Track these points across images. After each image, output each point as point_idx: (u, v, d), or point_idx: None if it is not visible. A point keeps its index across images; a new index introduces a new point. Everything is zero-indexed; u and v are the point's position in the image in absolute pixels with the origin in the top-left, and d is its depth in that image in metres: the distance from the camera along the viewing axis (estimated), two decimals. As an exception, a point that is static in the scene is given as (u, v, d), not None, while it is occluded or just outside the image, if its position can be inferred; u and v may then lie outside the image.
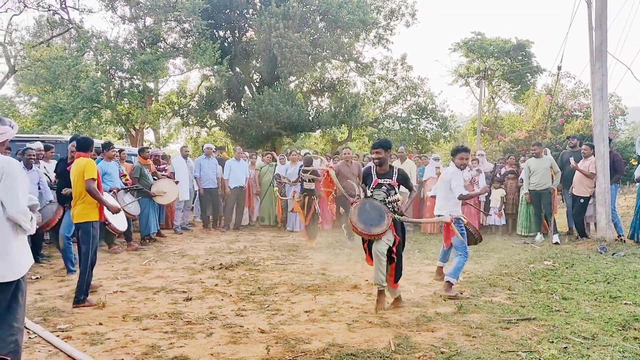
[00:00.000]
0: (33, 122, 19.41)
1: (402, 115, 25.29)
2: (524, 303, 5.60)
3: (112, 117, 20.17)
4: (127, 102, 19.93)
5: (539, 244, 9.85)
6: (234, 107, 24.61)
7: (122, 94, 19.16)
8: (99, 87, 18.10)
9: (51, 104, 17.63)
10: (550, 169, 10.15)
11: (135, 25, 19.84)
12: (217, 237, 11.08)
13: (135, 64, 18.14)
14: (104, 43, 18.34)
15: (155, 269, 7.59)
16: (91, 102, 17.99)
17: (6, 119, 3.62)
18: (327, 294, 6.14)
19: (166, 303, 5.66)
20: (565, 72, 26.12)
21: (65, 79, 17.16)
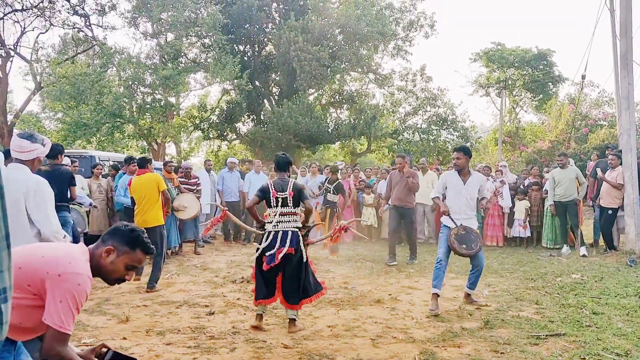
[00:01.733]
0: (58, 137, 19.72)
1: (422, 126, 25.21)
2: (552, 318, 5.46)
3: (135, 132, 20.41)
4: (149, 117, 20.16)
5: (566, 256, 9.65)
6: (253, 120, 24.79)
7: (144, 109, 19.40)
8: (122, 102, 18.37)
9: (75, 120, 17.93)
10: (575, 179, 9.97)
11: (157, 41, 20.14)
12: (238, 250, 11.07)
13: (157, 79, 18.38)
14: (127, 59, 18.62)
15: (177, 283, 7.59)
16: (114, 117, 18.25)
17: (38, 136, 3.65)
18: (350, 308, 6.06)
19: (189, 317, 5.64)
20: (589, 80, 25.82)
21: (89, 95, 17.45)
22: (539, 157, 20.23)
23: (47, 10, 16.78)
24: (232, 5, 21.73)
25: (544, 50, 32.13)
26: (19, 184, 3.35)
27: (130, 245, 2.56)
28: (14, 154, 3.57)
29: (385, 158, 27.18)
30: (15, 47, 17.00)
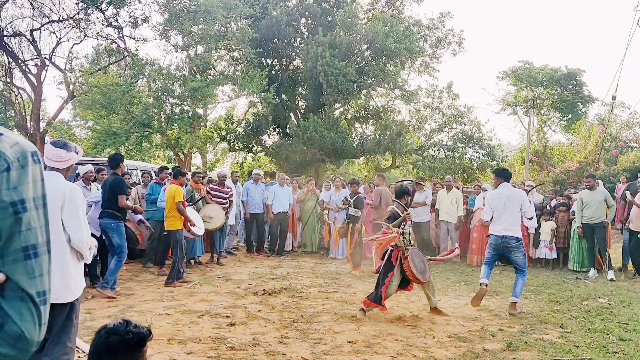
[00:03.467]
0: (88, 145, 20.12)
1: (448, 143, 25.06)
2: (578, 342, 5.36)
3: (162, 142, 20.70)
4: (176, 127, 20.43)
5: (593, 280, 9.46)
6: (279, 133, 24.94)
7: (173, 119, 19.67)
8: (151, 113, 18.66)
9: (105, 128, 18.29)
10: (604, 202, 9.79)
11: (187, 54, 20.46)
12: (260, 262, 11.11)
13: (186, 90, 18.64)
14: (157, 70, 18.95)
15: (199, 293, 7.64)
16: (143, 126, 18.54)
17: (71, 144, 3.74)
18: (371, 324, 6.03)
19: (210, 327, 5.68)
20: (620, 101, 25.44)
21: (119, 105, 17.78)
22: (566, 177, 19.92)
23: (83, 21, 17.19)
24: (261, 20, 22.01)
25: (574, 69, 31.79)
26: (55, 192, 3.44)
27: None
28: (50, 163, 3.66)
29: (409, 174, 27.05)
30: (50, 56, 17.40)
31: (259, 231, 12.28)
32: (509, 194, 7.07)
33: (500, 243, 6.99)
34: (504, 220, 6.97)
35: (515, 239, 6.95)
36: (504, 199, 7.02)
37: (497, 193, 7.17)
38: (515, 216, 7.01)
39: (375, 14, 24.02)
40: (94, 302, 6.88)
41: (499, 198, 7.06)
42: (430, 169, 23.45)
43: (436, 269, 10.40)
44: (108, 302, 6.87)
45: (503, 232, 6.94)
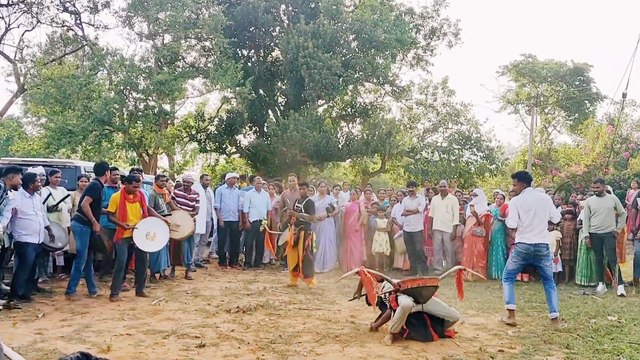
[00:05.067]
0: (40, 145, 19.87)
1: (443, 144, 25.21)
2: (585, 364, 5.40)
3: (124, 141, 20.53)
4: (140, 125, 20.30)
5: (602, 295, 9.55)
6: (256, 133, 24.91)
7: (136, 116, 19.54)
8: (112, 109, 18.51)
9: (60, 126, 18.07)
10: (613, 209, 9.90)
11: (152, 43, 20.36)
12: (234, 276, 11.06)
13: (151, 84, 18.53)
14: (119, 61, 18.82)
15: (165, 310, 7.58)
16: (102, 124, 18.38)
17: None
18: (358, 345, 6.02)
19: (177, 349, 5.62)
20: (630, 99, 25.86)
21: (76, 99, 17.61)
22: (573, 182, 20.17)
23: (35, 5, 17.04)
24: (236, 6, 21.99)
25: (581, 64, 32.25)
26: None
27: None
28: None
29: (400, 179, 27.15)
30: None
31: (233, 242, 12.23)
32: (536, 199, 7.44)
33: (531, 252, 7.33)
34: (535, 227, 7.33)
35: (546, 246, 7.38)
36: (532, 205, 7.35)
37: (523, 199, 7.46)
38: (545, 222, 7.43)
39: (363, 1, 24.10)
40: (45, 321, 6.78)
41: (526, 204, 7.38)
42: (423, 173, 23.54)
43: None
44: (61, 321, 6.78)
45: (535, 239, 7.29)
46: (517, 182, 7.68)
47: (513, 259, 7.57)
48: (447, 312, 6.47)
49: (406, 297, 6.26)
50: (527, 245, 7.34)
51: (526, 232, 7.35)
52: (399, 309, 6.13)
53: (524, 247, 7.36)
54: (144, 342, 5.87)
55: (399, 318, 6.09)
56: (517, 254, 7.49)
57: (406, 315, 6.10)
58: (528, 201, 7.39)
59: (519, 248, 7.43)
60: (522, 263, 7.53)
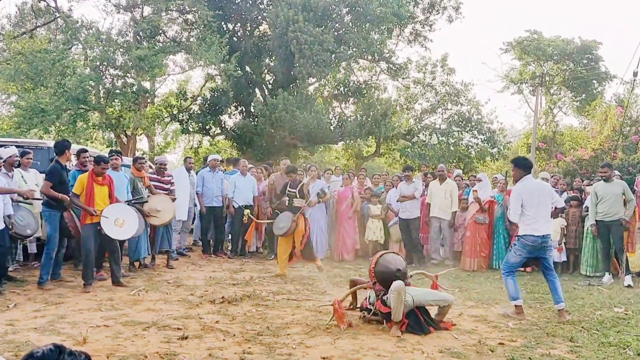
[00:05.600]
0: (11, 125, 19.72)
1: (441, 126, 25.27)
2: (590, 358, 5.47)
3: (101, 121, 20.45)
4: (118, 104, 20.21)
5: (608, 286, 9.66)
6: (242, 113, 24.83)
7: (113, 95, 19.44)
8: (87, 86, 18.40)
9: (32, 104, 17.93)
10: (622, 195, 9.97)
11: (131, 15, 20.21)
12: (219, 265, 11.08)
13: (130, 59, 18.42)
14: (95, 35, 18.66)
15: (145, 301, 7.59)
16: (77, 102, 18.26)
17: None
18: (349, 337, 6.06)
19: (158, 341, 5.64)
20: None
21: (48, 76, 17.47)
22: (579, 167, 20.27)
23: (3, -27, 16.84)
24: (221, -24, 21.82)
25: (589, 41, 32.29)
26: None
27: None
28: None
29: (396, 163, 27.21)
30: (-37, 16, 17.07)
31: (217, 228, 12.22)
32: (537, 187, 7.44)
33: (539, 244, 7.29)
34: (541, 217, 7.29)
35: (550, 236, 7.42)
36: (534, 193, 7.31)
37: (524, 187, 7.39)
38: (549, 210, 7.45)
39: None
40: (17, 311, 6.78)
41: (528, 193, 7.32)
42: (421, 157, 23.60)
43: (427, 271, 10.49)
44: (34, 311, 6.78)
45: (543, 230, 7.28)
46: (515, 169, 7.55)
47: (517, 252, 7.44)
48: (438, 298, 6.54)
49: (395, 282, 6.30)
50: (535, 237, 7.25)
51: (533, 223, 7.27)
52: (392, 295, 6.16)
53: (532, 240, 7.26)
54: (122, 334, 5.88)
55: (396, 301, 6.11)
56: (522, 246, 7.37)
57: (403, 297, 6.14)
58: (529, 189, 7.32)
59: (526, 241, 7.31)
60: (527, 256, 7.50)
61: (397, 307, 6.13)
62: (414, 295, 6.37)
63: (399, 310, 6.14)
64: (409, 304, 6.26)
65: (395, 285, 6.18)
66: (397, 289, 6.14)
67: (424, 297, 6.48)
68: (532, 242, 7.27)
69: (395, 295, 6.12)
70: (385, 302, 6.38)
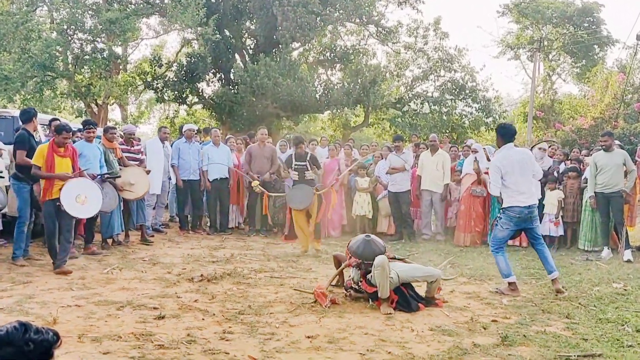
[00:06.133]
0: (-30, 93, 19.48)
1: (434, 94, 25.27)
2: (586, 335, 5.55)
3: (69, 89, 20.25)
4: (88, 71, 20.01)
5: (606, 261, 9.77)
6: (221, 80, 24.65)
7: (83, 61, 19.22)
8: (54, 51, 18.16)
9: (-6, 71, 17.70)
10: (622, 166, 10.04)
11: (100, -26, 19.88)
12: (197, 242, 11.09)
13: (100, 22, 18.20)
14: (61, -5, 18.38)
15: (119, 279, 7.59)
16: (43, 69, 18.05)
17: None
18: (335, 316, 6.11)
19: (133, 321, 5.66)
20: (644, 44, 25.91)
21: (11, 40, 17.23)
22: (578, 137, 20.38)
23: None
24: None
25: (590, 3, 32.24)
26: None
27: None
28: None
29: (385, 133, 27.21)
30: None
31: (195, 203, 12.20)
32: (519, 156, 7.46)
33: (525, 215, 7.36)
34: (525, 187, 7.36)
35: (535, 205, 7.53)
36: (515, 163, 7.34)
37: (505, 157, 7.41)
38: (531, 180, 7.55)
39: None
40: (-18, 292, 6.76)
41: (510, 162, 7.34)
42: (412, 127, 23.62)
43: (417, 250, 10.59)
44: (1, 291, 6.76)
45: (529, 201, 7.37)
46: (499, 137, 7.60)
47: (504, 225, 7.46)
48: (424, 274, 6.56)
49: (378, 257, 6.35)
50: (521, 208, 7.31)
51: (516, 194, 7.32)
52: (376, 271, 6.21)
53: (518, 211, 7.32)
54: (95, 314, 5.88)
55: (381, 277, 6.17)
56: (508, 219, 7.41)
57: (387, 272, 6.20)
58: (511, 158, 7.36)
59: (511, 213, 7.35)
60: (514, 229, 7.52)
61: (382, 284, 6.18)
62: (399, 272, 6.41)
63: (385, 287, 6.20)
64: (394, 281, 6.31)
65: (378, 261, 6.24)
66: (381, 264, 6.19)
67: (410, 273, 6.51)
68: (518, 213, 7.32)
69: (379, 271, 6.17)
70: (370, 282, 6.43)
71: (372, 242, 6.73)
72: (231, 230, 12.54)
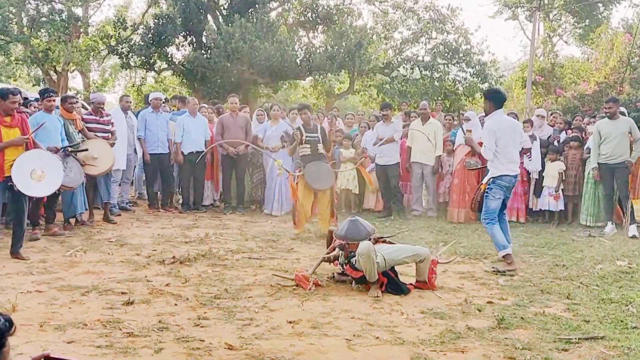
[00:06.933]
0: None
1: (425, 58, 25.22)
2: (588, 316, 5.62)
3: (25, 55, 20.03)
4: (45, 35, 19.76)
5: (610, 237, 9.87)
6: (192, 44, 24.43)
7: (39, 23, 19.01)
8: (7, 13, 17.93)
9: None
10: (628, 134, 10.10)
11: None
12: (168, 221, 11.08)
13: (57, -20, 17.93)
14: (13, -50, 18.11)
15: (83, 262, 7.57)
16: (-4, 33, 17.85)
17: None
18: (319, 299, 6.14)
19: (99, 308, 5.65)
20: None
21: (-42, 1, 16.99)
22: (580, 104, 20.45)
23: None
24: None
25: (594, -42, 32.13)
26: None
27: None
28: None
29: (372, 101, 27.17)
30: None
31: (165, 179, 12.15)
32: (510, 123, 7.89)
33: (512, 185, 7.83)
34: (514, 155, 7.78)
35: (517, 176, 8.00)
36: (507, 129, 7.70)
37: (498, 122, 7.68)
38: (518, 149, 7.97)
39: None
40: None
41: (502, 129, 7.63)
42: (401, 94, 23.60)
43: (407, 227, 10.62)
44: (-47, 277, 6.73)
45: (517, 170, 7.87)
46: (489, 102, 7.86)
47: (496, 195, 7.71)
48: (412, 253, 6.55)
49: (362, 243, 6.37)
50: (511, 177, 7.74)
51: (508, 162, 7.69)
52: (361, 259, 6.20)
53: (508, 180, 7.71)
54: (57, 300, 5.87)
55: (367, 263, 6.18)
56: (499, 188, 7.70)
57: (374, 259, 6.21)
58: (503, 125, 7.69)
59: (502, 182, 7.68)
60: (503, 199, 7.82)
61: (369, 270, 6.21)
62: (385, 254, 6.40)
63: (373, 272, 6.23)
64: (381, 266, 6.32)
65: (363, 248, 6.23)
66: (366, 251, 6.18)
67: (397, 255, 6.50)
68: (508, 182, 7.71)
69: (364, 258, 6.16)
70: (354, 266, 6.46)
71: (357, 222, 6.74)
72: (205, 207, 12.52)
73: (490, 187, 7.74)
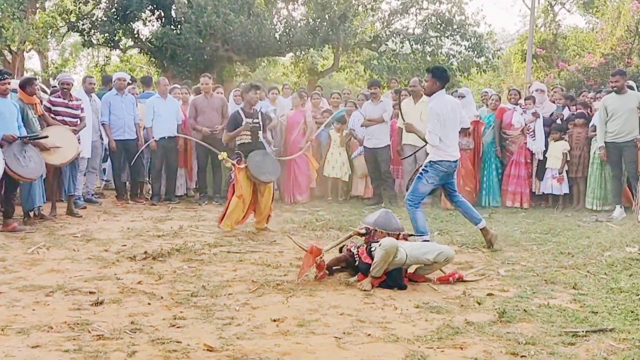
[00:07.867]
0: None
1: (415, 31, 25.22)
2: (596, 307, 5.68)
3: (-25, 34, 19.84)
4: (-2, 11, 19.58)
5: (618, 221, 9.94)
6: (160, 19, 24.32)
7: (-10, -2, 18.81)
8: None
9: None
10: (636, 110, 10.14)
11: None
12: (139, 213, 11.06)
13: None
14: None
15: (47, 260, 7.54)
16: (-59, 9, 17.69)
17: None
18: (305, 294, 6.16)
19: (65, 309, 5.64)
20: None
21: None
22: (585, 78, 20.51)
23: None
24: None
25: None
26: None
27: None
28: None
29: (359, 78, 27.16)
30: None
31: (133, 167, 12.09)
32: (452, 104, 8.17)
33: (452, 170, 8.10)
34: (454, 139, 8.08)
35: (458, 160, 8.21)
36: (450, 112, 7.96)
37: (443, 104, 7.95)
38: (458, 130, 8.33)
39: None
40: None
41: (446, 112, 7.90)
42: (390, 70, 23.59)
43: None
44: None
45: (456, 153, 8.15)
46: (433, 80, 8.01)
47: (430, 179, 7.98)
48: (437, 253, 6.53)
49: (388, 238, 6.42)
50: (450, 162, 7.97)
51: (447, 148, 7.90)
52: (380, 251, 6.21)
53: (447, 166, 7.96)
54: (19, 301, 5.84)
55: (381, 259, 6.21)
56: (435, 173, 7.95)
57: (390, 259, 6.23)
58: (447, 106, 7.91)
59: (441, 167, 7.92)
60: (438, 184, 8.13)
61: (379, 265, 6.24)
62: (409, 251, 6.40)
63: (381, 268, 6.26)
64: (399, 262, 6.33)
65: (388, 242, 6.27)
66: (389, 247, 6.21)
67: (421, 253, 6.51)
68: (447, 167, 7.96)
69: (383, 252, 6.18)
70: (371, 252, 6.50)
71: (390, 214, 7.11)
72: (178, 198, 12.51)
73: (426, 169, 8.00)
